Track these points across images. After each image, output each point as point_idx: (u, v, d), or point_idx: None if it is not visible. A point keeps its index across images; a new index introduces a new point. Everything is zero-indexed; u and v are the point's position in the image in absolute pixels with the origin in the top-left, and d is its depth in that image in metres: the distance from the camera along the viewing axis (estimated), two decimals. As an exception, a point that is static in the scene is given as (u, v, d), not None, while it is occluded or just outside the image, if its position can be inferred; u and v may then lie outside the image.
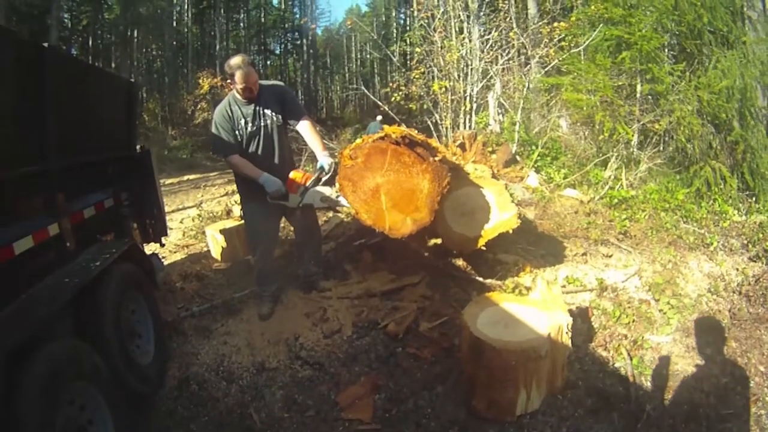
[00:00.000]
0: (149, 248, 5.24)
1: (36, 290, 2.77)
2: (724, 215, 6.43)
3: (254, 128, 4.30)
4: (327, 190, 4.29)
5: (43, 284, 2.86)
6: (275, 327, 4.45)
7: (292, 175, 4.30)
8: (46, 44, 3.21)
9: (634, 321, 4.30)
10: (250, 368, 4.00)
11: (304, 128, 4.45)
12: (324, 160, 4.30)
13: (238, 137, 4.29)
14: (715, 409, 3.31)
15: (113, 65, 30.15)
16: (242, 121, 4.28)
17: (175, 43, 35.25)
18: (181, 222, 8.41)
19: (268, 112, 4.31)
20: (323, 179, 4.33)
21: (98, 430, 2.73)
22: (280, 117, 4.37)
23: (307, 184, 4.29)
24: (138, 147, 5.04)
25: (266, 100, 4.32)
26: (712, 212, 6.51)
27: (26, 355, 2.29)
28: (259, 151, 4.36)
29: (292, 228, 5.14)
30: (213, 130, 4.36)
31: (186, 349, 4.27)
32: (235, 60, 4.15)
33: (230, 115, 4.27)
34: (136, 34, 32.49)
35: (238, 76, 4.10)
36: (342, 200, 4.20)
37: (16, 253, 2.74)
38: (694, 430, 3.16)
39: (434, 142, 4.13)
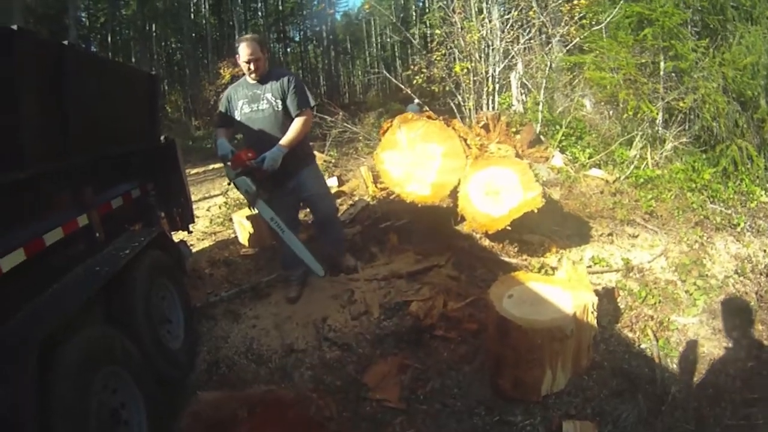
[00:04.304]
0: (177, 236, 5.30)
1: (68, 279, 2.82)
2: (751, 195, 6.36)
3: (251, 111, 4.32)
4: (252, 185, 4.18)
5: (75, 273, 2.91)
6: (303, 309, 4.48)
7: (240, 153, 4.23)
8: (66, 42, 3.26)
9: (660, 302, 4.30)
10: (279, 350, 4.04)
11: (294, 121, 4.34)
12: (270, 155, 4.16)
13: (231, 115, 4.39)
14: (741, 393, 3.31)
15: (133, 60, 30.29)
16: (240, 103, 4.33)
17: (194, 35, 35.26)
18: (207, 210, 8.47)
19: (269, 96, 4.29)
20: (257, 172, 4.19)
21: (131, 413, 2.78)
22: (280, 103, 4.32)
23: (244, 168, 4.19)
24: (163, 138, 5.09)
25: (271, 85, 4.30)
26: (738, 192, 6.43)
27: (60, 341, 2.34)
28: (260, 134, 4.33)
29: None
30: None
31: (215, 333, 4.32)
32: (242, 36, 4.24)
33: (233, 96, 4.39)
34: (154, 29, 32.63)
35: (241, 49, 4.17)
36: (258, 207, 4.25)
37: (47, 244, 2.80)
38: (719, 414, 3.15)
39: (457, 123, 4.13)
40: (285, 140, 4.23)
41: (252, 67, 4.21)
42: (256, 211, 4.36)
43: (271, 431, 2.59)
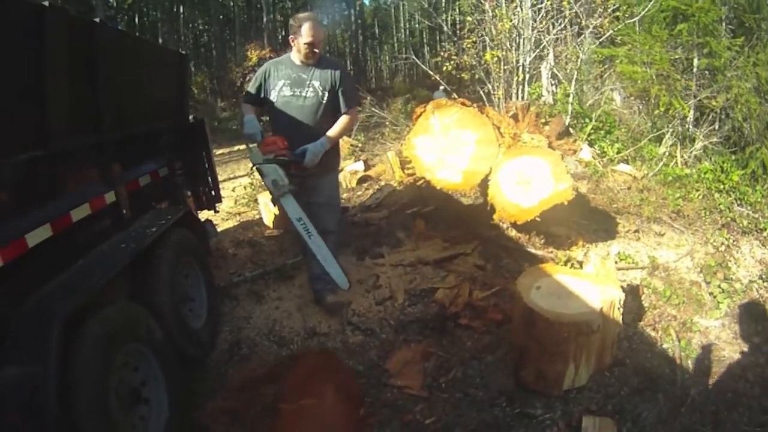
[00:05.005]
0: (203, 215, 5.30)
1: (94, 256, 2.85)
2: (779, 200, 6.24)
3: (292, 95, 3.89)
4: (283, 177, 3.75)
5: (101, 250, 2.94)
6: (327, 293, 4.48)
7: (275, 137, 3.83)
8: (97, 19, 3.27)
9: (684, 302, 4.29)
10: (301, 333, 4.07)
11: (342, 117, 4.03)
12: (314, 149, 3.80)
13: (265, 94, 3.97)
14: (759, 400, 3.30)
15: (160, 41, 30.28)
16: (280, 83, 3.90)
17: (221, 16, 35.35)
18: (233, 190, 8.51)
19: (316, 85, 3.89)
20: (293, 164, 3.80)
21: (151, 391, 2.81)
22: (326, 95, 3.92)
23: (278, 156, 3.76)
24: (191, 117, 5.11)
25: (321, 73, 3.91)
26: (766, 196, 6.30)
27: (85, 318, 2.36)
28: (296, 123, 3.91)
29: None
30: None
31: (238, 313, 4.35)
32: (305, 13, 3.89)
33: (272, 73, 3.96)
34: (181, 10, 32.66)
35: (305, 28, 3.73)
36: (285, 203, 3.81)
37: (74, 220, 2.81)
38: (737, 420, 3.15)
39: (490, 110, 4.09)
40: (332, 133, 3.93)
41: (316, 47, 3.83)
42: (281, 207, 3.95)
43: (318, 381, 2.92)
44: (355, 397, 3.25)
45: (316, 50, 3.85)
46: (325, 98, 3.92)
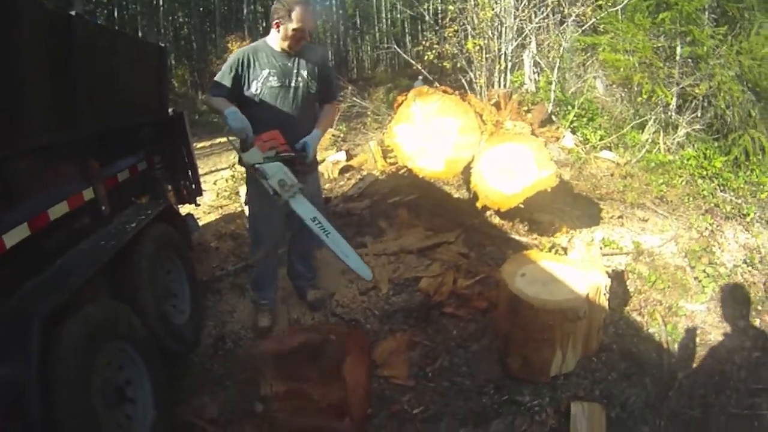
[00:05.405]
0: (184, 209, 5.22)
1: (73, 253, 2.81)
2: (761, 186, 6.31)
3: (280, 86, 3.51)
4: (291, 176, 3.27)
5: (80, 248, 2.89)
6: (310, 284, 4.45)
7: (272, 132, 3.35)
8: (73, 12, 3.19)
9: (669, 287, 4.32)
10: (286, 325, 4.02)
11: (329, 109, 3.83)
12: (312, 142, 3.50)
13: (245, 84, 3.52)
14: (746, 383, 3.35)
15: (140, 34, 30.01)
16: (265, 72, 3.49)
17: (201, 9, 35.09)
18: (214, 183, 8.41)
19: (304, 74, 3.55)
20: (297, 160, 3.43)
21: (136, 389, 2.78)
22: (314, 85, 3.62)
23: (280, 152, 3.31)
24: (171, 111, 5.04)
25: (306, 63, 3.58)
26: (749, 182, 6.39)
27: (65, 317, 2.32)
28: (284, 115, 3.54)
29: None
30: (225, 65, 3.60)
31: (221, 307, 4.31)
32: None
33: (251, 62, 3.49)
34: (161, 3, 32.38)
35: (296, 13, 3.32)
36: (296, 204, 3.28)
37: (52, 218, 2.74)
38: (724, 403, 3.19)
39: (473, 98, 4.06)
40: (322, 125, 3.67)
41: (305, 35, 3.47)
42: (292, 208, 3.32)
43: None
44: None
45: (305, 38, 3.52)
46: (314, 89, 3.64)
